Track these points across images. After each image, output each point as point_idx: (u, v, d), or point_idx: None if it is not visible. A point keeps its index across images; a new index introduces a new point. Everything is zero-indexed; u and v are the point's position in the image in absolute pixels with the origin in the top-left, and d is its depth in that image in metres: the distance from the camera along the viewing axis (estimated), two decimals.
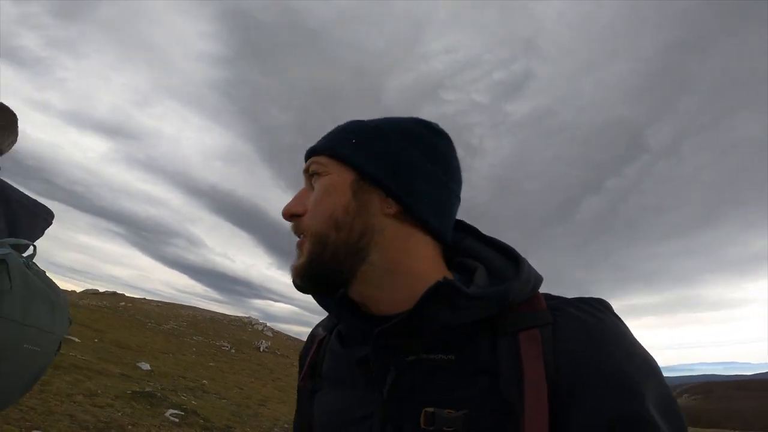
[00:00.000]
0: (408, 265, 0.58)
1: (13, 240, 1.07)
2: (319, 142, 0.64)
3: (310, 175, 0.62)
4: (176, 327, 21.39)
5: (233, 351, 19.45)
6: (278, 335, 31.62)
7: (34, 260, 1.08)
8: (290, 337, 33.04)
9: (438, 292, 0.52)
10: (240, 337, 24.50)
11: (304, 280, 0.59)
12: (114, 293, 32.07)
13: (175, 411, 6.44)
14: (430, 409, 0.51)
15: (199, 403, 7.86)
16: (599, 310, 0.53)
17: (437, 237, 0.61)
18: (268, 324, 32.81)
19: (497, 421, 0.49)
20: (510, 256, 0.60)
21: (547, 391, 0.47)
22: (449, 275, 0.60)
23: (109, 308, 20.66)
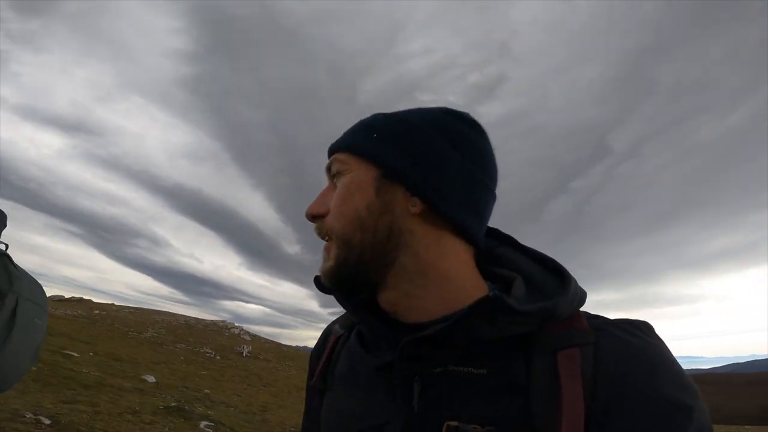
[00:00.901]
0: (441, 269, 0.55)
1: None
2: (340, 138, 0.61)
3: (332, 174, 0.60)
4: (156, 335, 21.32)
5: (218, 358, 19.69)
6: (256, 339, 31.73)
7: None
8: (268, 340, 33.21)
9: (482, 307, 0.50)
10: (220, 343, 24.59)
11: (333, 284, 0.58)
12: (81, 299, 31.09)
13: (207, 423, 7.01)
14: (454, 424, 0.49)
15: (216, 413, 8.40)
16: (643, 332, 0.51)
17: (470, 239, 0.58)
18: (243, 327, 32.84)
19: None
20: (553, 269, 0.57)
21: (584, 414, 0.46)
22: (483, 284, 0.58)
23: (85, 317, 20.35)
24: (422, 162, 0.55)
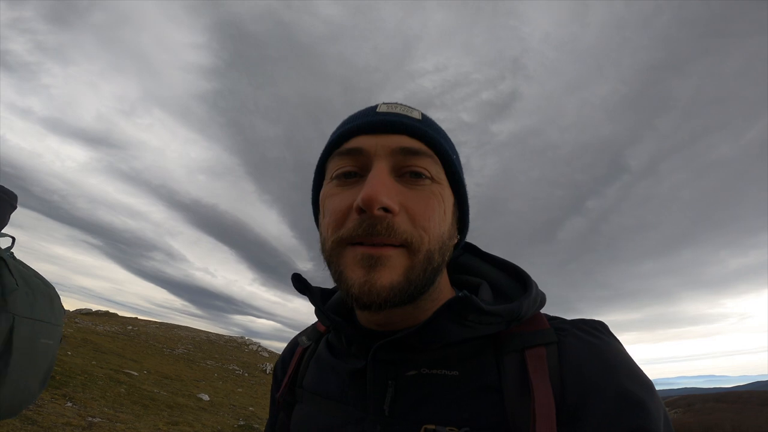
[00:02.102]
0: (437, 289, 0.59)
1: None
2: (426, 126, 0.56)
3: (407, 162, 0.54)
4: (186, 351, 22.55)
5: (246, 375, 20.82)
6: (274, 355, 32.86)
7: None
8: None
9: (452, 306, 0.51)
10: (244, 360, 25.72)
11: (391, 300, 0.51)
12: (107, 312, 32.57)
13: None
14: (431, 427, 0.50)
15: None
16: (602, 333, 0.55)
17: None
18: (261, 343, 33.96)
19: None
20: (513, 273, 0.62)
21: (554, 410, 0.49)
22: (453, 292, 0.61)
23: (122, 333, 21.66)
24: (465, 198, 0.60)
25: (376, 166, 0.53)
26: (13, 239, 1.09)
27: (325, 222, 0.57)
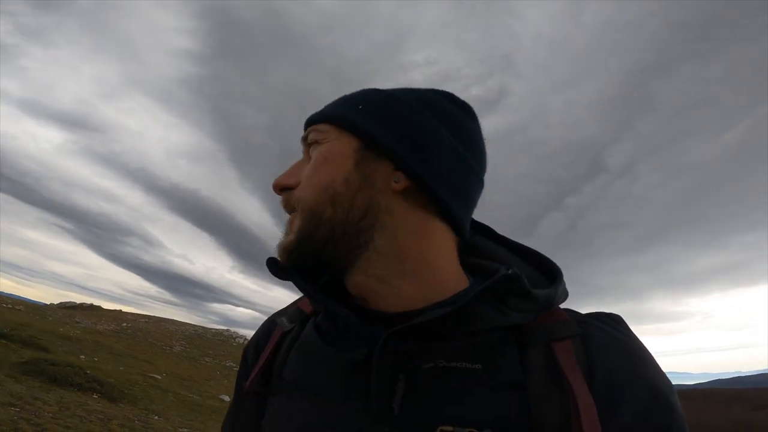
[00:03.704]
0: (421, 256, 0.52)
1: None
2: (320, 109, 0.58)
3: (308, 144, 0.57)
4: (183, 349, 23.45)
5: None
6: None
7: None
8: None
9: (496, 286, 0.48)
10: (236, 355, 26.71)
11: (290, 261, 0.53)
12: (91, 305, 32.81)
13: None
14: (448, 428, 0.45)
15: None
16: (623, 326, 0.52)
17: (455, 226, 0.55)
18: (246, 336, 34.89)
19: None
20: (535, 261, 0.57)
21: (595, 405, 0.45)
22: (465, 276, 0.55)
23: (122, 333, 22.36)
24: (410, 137, 0.52)
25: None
26: None
27: None
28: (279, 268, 0.56)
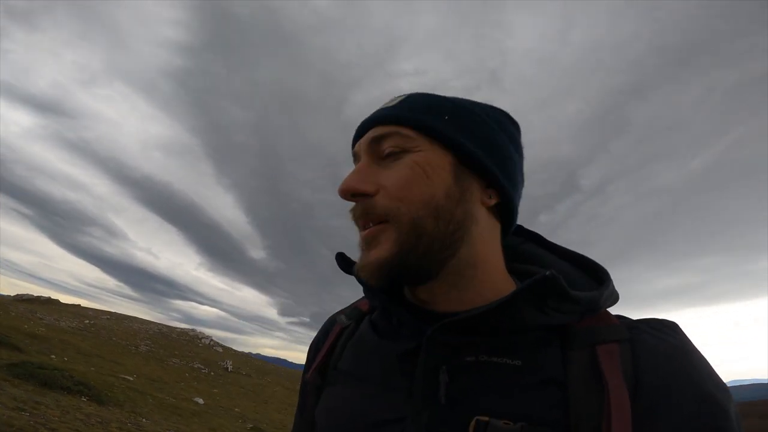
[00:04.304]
0: (489, 261, 0.56)
1: None
2: (396, 109, 0.57)
3: (383, 149, 0.56)
4: (149, 349, 23.25)
5: (212, 374, 22.07)
6: (228, 351, 33.76)
7: None
8: (240, 351, 35.31)
9: (535, 287, 0.49)
10: (203, 357, 26.67)
11: (382, 278, 0.54)
12: (49, 299, 31.79)
13: None
14: (484, 419, 0.48)
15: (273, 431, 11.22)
16: (676, 332, 0.52)
17: (506, 234, 0.60)
18: (212, 337, 34.71)
19: None
20: (585, 266, 0.58)
21: (630, 408, 0.46)
22: (511, 280, 0.58)
23: (86, 330, 21.97)
24: (495, 153, 0.56)
25: (358, 162, 0.58)
26: None
27: None
28: (346, 263, 0.62)
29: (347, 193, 0.55)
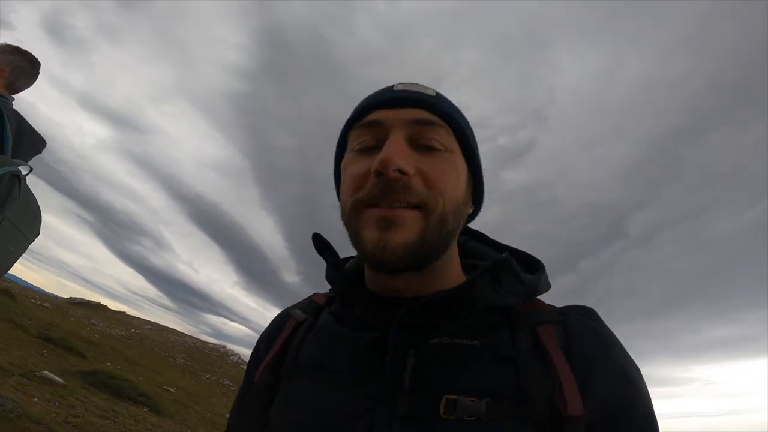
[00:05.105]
0: (453, 257, 0.64)
1: (21, 162, 1.38)
2: (440, 101, 0.61)
3: (425, 135, 0.58)
4: (185, 362, 24.55)
5: None
6: None
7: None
8: None
9: (494, 268, 0.56)
10: (231, 374, 27.55)
11: (408, 262, 0.55)
12: (99, 304, 34.01)
13: None
14: (453, 397, 0.51)
15: None
16: (597, 318, 0.61)
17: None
18: (240, 355, 35.75)
19: (515, 411, 0.50)
20: (524, 260, 0.66)
21: (573, 376, 0.52)
22: (462, 273, 0.66)
23: (131, 339, 23.60)
24: (481, 172, 0.64)
25: (393, 135, 0.57)
26: (31, 168, 1.38)
27: (344, 187, 0.61)
28: (322, 244, 0.65)
29: (390, 166, 0.54)
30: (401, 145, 0.56)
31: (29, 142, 1.48)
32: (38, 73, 1.57)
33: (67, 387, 7.23)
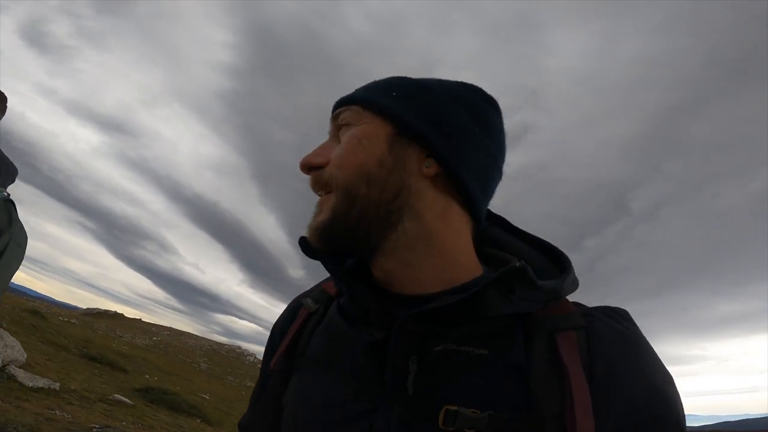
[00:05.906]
0: (444, 240, 0.57)
1: (2, 189, 1.49)
2: (355, 91, 0.61)
3: (338, 125, 0.60)
4: (208, 366, 25.53)
5: None
6: None
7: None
8: None
9: (505, 277, 0.50)
10: (251, 375, 28.50)
11: (322, 241, 0.56)
12: (115, 313, 34.98)
13: None
14: (453, 407, 0.49)
15: None
16: (628, 321, 0.56)
17: (475, 214, 0.59)
18: (256, 355, 36.81)
19: (519, 426, 0.48)
20: (548, 253, 0.60)
21: (589, 393, 0.48)
22: (479, 264, 0.60)
23: (155, 347, 24.54)
24: (441, 125, 0.57)
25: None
26: (8, 194, 1.51)
27: None
28: (309, 248, 0.60)
29: (303, 167, 0.60)
30: (320, 146, 0.61)
31: (7, 170, 1.58)
32: (6, 108, 1.62)
33: (137, 407, 8.01)
